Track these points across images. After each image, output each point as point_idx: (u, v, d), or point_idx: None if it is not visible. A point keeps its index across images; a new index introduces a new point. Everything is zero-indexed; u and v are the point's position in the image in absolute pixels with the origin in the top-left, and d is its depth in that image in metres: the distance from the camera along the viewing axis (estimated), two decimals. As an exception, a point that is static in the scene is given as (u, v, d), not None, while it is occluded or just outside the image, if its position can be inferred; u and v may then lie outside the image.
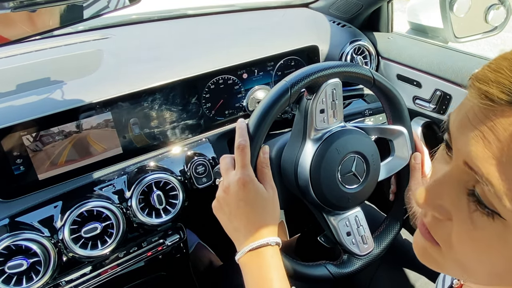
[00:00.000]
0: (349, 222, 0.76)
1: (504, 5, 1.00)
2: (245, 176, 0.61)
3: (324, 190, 0.71)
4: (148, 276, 1.00)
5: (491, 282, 0.35)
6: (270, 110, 0.65)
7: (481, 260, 0.33)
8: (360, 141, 0.73)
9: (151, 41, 1.06)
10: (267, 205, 0.62)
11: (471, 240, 0.32)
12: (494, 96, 0.29)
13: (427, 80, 1.04)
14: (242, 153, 0.62)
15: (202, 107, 0.94)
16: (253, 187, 0.61)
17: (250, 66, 0.97)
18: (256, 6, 1.30)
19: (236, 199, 0.61)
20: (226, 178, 0.63)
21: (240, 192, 0.60)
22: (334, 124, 0.73)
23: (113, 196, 0.83)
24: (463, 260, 0.34)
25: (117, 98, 0.83)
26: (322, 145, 0.70)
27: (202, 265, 1.20)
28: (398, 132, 0.80)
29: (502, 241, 0.30)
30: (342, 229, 0.76)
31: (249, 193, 0.61)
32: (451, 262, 0.36)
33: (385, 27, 1.23)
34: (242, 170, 0.61)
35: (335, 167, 0.71)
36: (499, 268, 0.32)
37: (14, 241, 0.72)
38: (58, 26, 0.58)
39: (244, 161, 0.62)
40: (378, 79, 0.75)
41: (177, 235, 0.96)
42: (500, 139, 0.29)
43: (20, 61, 0.93)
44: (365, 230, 0.77)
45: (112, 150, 0.85)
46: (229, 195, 0.62)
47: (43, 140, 0.77)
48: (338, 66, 0.70)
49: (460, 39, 1.01)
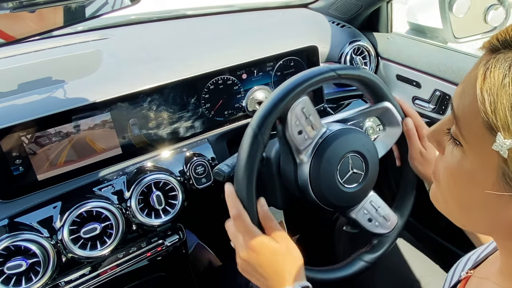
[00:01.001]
0: (367, 210, 0.77)
1: (504, 6, 1.00)
2: (252, 242, 0.63)
3: (324, 191, 0.71)
4: (148, 277, 0.99)
5: (464, 221, 0.43)
6: (249, 165, 0.65)
7: (452, 192, 0.41)
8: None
9: (150, 42, 1.06)
10: (284, 257, 0.63)
11: (446, 170, 0.41)
12: (483, 45, 0.37)
13: (426, 81, 1.04)
14: (239, 221, 0.64)
15: (201, 108, 0.94)
16: (264, 247, 0.63)
17: (250, 67, 0.97)
18: (255, 7, 1.30)
19: (254, 264, 0.63)
20: (237, 245, 0.65)
21: (254, 257, 0.63)
22: (317, 134, 0.72)
23: (113, 196, 0.83)
24: (445, 192, 0.43)
25: (116, 98, 0.82)
26: (318, 147, 0.70)
27: (201, 265, 1.20)
28: (381, 108, 0.80)
29: (461, 167, 0.38)
30: (362, 219, 0.77)
31: (263, 255, 0.63)
32: (440, 195, 0.44)
33: (385, 28, 1.23)
34: (247, 237, 0.63)
35: (334, 168, 0.71)
36: (463, 200, 0.40)
37: (13, 241, 0.72)
38: (61, 25, 0.58)
39: (246, 228, 0.64)
40: (338, 69, 0.73)
41: (176, 235, 0.96)
42: (470, 77, 0.37)
43: (19, 62, 0.93)
44: (384, 209, 0.78)
45: (111, 150, 0.85)
46: (247, 261, 0.64)
47: (42, 140, 0.77)
48: (295, 87, 0.68)
49: (460, 39, 1.01)
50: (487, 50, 0.37)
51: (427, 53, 1.07)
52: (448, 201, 0.43)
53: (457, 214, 0.43)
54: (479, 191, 0.37)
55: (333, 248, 1.05)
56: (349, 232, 0.90)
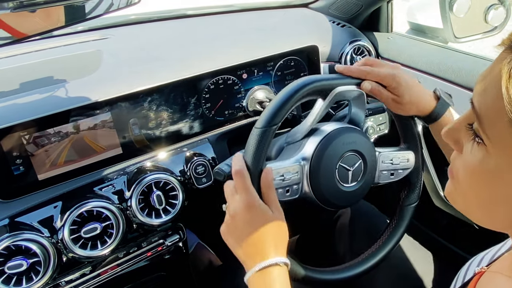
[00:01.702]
0: (385, 169, 0.79)
1: (504, 5, 1.00)
2: (248, 200, 0.61)
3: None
4: (148, 276, 0.99)
5: (483, 218, 0.43)
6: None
7: (474, 190, 0.41)
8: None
9: (150, 42, 1.06)
10: (274, 227, 0.62)
11: (467, 169, 0.41)
12: (503, 42, 0.36)
13: (427, 80, 1.04)
14: (240, 177, 0.63)
15: (201, 107, 0.94)
16: (258, 210, 0.62)
17: (250, 66, 0.97)
18: (255, 6, 1.30)
19: (242, 223, 0.62)
20: (232, 203, 0.64)
21: (245, 216, 0.61)
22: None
23: (113, 196, 0.83)
24: (465, 191, 0.42)
25: (116, 98, 0.82)
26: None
27: (202, 265, 1.20)
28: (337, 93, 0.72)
29: (484, 166, 0.38)
30: (387, 179, 0.80)
31: (254, 216, 0.61)
32: (458, 194, 0.44)
33: (385, 27, 1.23)
34: (244, 194, 0.62)
35: (333, 167, 0.71)
36: (484, 198, 0.40)
37: (14, 241, 0.72)
38: (63, 24, 0.59)
39: (245, 185, 0.62)
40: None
41: (177, 235, 0.96)
42: (491, 75, 0.36)
43: (19, 61, 0.93)
44: (397, 156, 0.80)
45: (111, 150, 0.85)
46: (235, 219, 0.62)
47: (42, 140, 0.77)
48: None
49: (460, 39, 1.01)
50: (507, 47, 0.36)
51: (428, 53, 1.07)
52: (468, 199, 0.43)
53: (477, 211, 0.43)
54: (504, 188, 0.37)
55: (333, 248, 1.05)
56: (350, 232, 0.91)
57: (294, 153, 0.72)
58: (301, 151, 0.72)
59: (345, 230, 1.04)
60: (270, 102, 0.67)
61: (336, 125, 0.74)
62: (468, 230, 1.02)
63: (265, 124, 0.64)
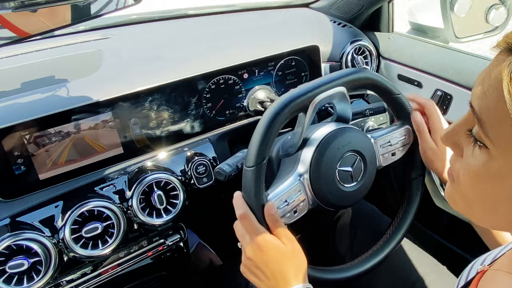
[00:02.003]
0: (384, 153, 0.80)
1: (505, 5, 1.00)
2: (259, 241, 0.63)
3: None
4: (149, 276, 1.00)
5: (484, 218, 0.43)
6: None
7: (476, 192, 0.41)
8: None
9: (151, 41, 1.07)
10: (289, 257, 0.64)
11: (469, 172, 0.40)
12: (498, 44, 0.36)
13: (428, 80, 1.04)
14: (246, 221, 0.64)
15: (202, 107, 0.94)
16: (270, 247, 0.63)
17: (251, 66, 0.97)
18: (256, 6, 1.30)
19: (259, 263, 0.64)
20: (244, 244, 0.66)
21: (260, 256, 0.64)
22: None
23: (114, 196, 0.83)
24: (466, 192, 0.42)
25: (117, 98, 0.83)
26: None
27: (202, 264, 1.20)
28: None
29: (487, 169, 0.38)
30: (389, 159, 0.80)
31: (269, 254, 0.63)
32: (459, 196, 0.44)
33: (386, 27, 1.23)
34: (254, 236, 0.64)
35: (334, 167, 0.71)
36: (486, 199, 0.40)
37: (15, 240, 0.72)
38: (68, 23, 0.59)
39: (252, 227, 0.64)
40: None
41: (177, 235, 0.96)
42: (491, 77, 0.35)
43: (21, 61, 0.93)
44: (392, 135, 0.80)
45: (112, 150, 0.85)
46: (252, 260, 0.64)
47: (44, 140, 0.77)
48: None
49: (461, 39, 1.01)
50: (504, 49, 0.36)
51: (429, 53, 1.07)
52: (470, 201, 0.42)
53: (479, 212, 0.43)
54: (506, 189, 0.37)
55: (333, 248, 1.05)
56: (350, 232, 0.90)
57: (291, 169, 0.72)
58: (298, 166, 0.71)
59: (346, 230, 1.04)
60: (252, 138, 0.65)
61: (327, 129, 0.74)
62: (469, 231, 1.02)
63: (254, 163, 0.64)
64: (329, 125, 0.75)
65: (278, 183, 0.71)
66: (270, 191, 0.68)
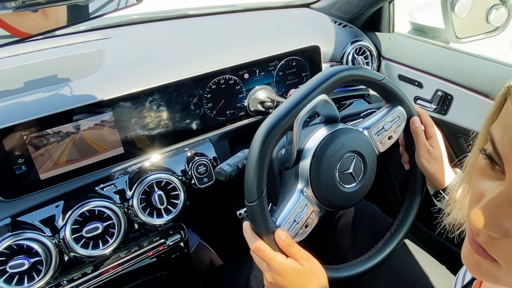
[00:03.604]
0: (381, 139, 0.80)
1: (506, 6, 1.00)
2: (277, 268, 0.64)
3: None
4: (149, 276, 1.00)
5: None
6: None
7: None
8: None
9: (152, 41, 1.07)
10: (309, 278, 0.65)
11: None
12: None
13: (428, 81, 1.04)
14: (261, 252, 0.65)
15: (203, 107, 0.94)
16: (289, 272, 0.64)
17: (252, 66, 0.97)
18: (257, 7, 1.30)
19: (280, 285, 0.65)
20: (264, 271, 0.67)
21: (281, 282, 0.64)
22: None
23: (115, 196, 0.83)
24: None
25: (118, 98, 0.83)
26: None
27: (203, 264, 1.20)
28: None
29: None
30: (387, 141, 0.80)
31: (288, 278, 0.64)
32: (506, 275, 0.35)
33: (387, 27, 1.23)
34: (271, 264, 0.65)
35: (333, 168, 0.71)
36: None
37: (16, 240, 0.72)
38: (64, 24, 0.59)
39: (268, 257, 0.65)
40: None
41: (178, 235, 0.96)
42: (509, 113, 0.29)
43: (21, 61, 0.93)
44: (386, 121, 0.80)
45: (113, 150, 0.85)
46: (273, 283, 0.66)
47: (44, 139, 0.77)
48: None
49: (462, 39, 1.01)
50: None
51: (429, 53, 1.07)
52: None
53: None
54: None
55: (334, 248, 1.05)
56: (351, 232, 0.90)
57: (292, 185, 0.72)
58: (298, 182, 0.72)
59: (347, 230, 1.03)
60: (246, 174, 0.64)
61: (319, 135, 0.73)
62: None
63: (254, 199, 0.64)
64: (319, 130, 0.74)
65: (283, 205, 0.70)
66: (277, 216, 0.68)
